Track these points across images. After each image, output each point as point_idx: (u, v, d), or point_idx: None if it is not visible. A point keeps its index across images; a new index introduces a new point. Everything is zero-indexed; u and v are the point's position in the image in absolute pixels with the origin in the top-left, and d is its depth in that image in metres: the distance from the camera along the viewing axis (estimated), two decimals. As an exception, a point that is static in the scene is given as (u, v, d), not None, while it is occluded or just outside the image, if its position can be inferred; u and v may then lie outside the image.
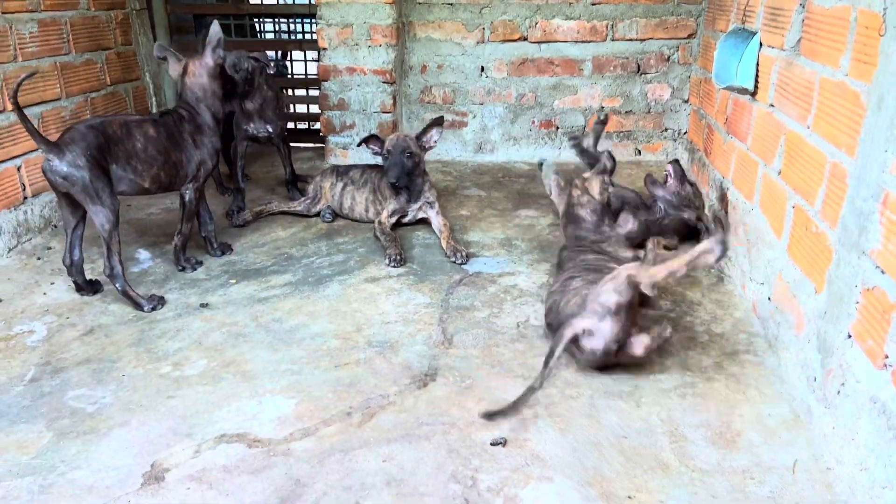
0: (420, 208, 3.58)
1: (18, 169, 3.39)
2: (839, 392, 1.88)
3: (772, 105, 2.64)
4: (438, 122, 3.45)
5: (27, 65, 3.43)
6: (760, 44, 2.81)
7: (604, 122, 3.59)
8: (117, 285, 2.75)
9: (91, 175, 2.61)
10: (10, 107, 3.31)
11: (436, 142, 3.50)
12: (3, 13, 3.27)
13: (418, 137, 3.48)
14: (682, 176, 3.27)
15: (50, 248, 3.35)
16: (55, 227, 3.57)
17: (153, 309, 2.76)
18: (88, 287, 2.89)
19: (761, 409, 2.14)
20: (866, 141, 1.84)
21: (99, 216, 2.66)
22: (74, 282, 2.87)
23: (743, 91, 2.95)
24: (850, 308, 1.86)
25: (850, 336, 1.86)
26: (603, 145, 3.59)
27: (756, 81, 2.82)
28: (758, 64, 2.81)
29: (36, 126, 3.48)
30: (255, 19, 6.02)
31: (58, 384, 2.30)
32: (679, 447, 1.97)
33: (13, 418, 2.12)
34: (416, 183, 3.51)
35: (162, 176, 2.89)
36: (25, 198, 3.44)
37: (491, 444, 1.99)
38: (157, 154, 2.85)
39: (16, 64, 3.36)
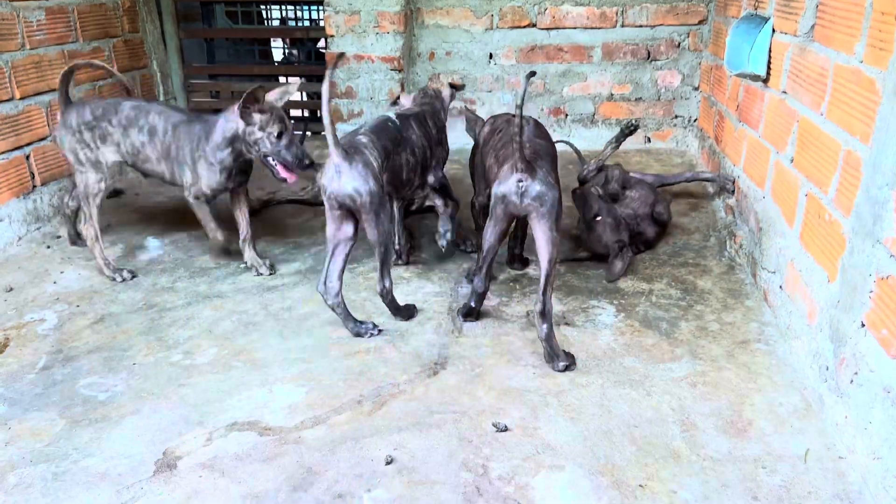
0: (427, 196, 3.56)
1: (27, 157, 3.39)
2: (852, 381, 1.87)
3: (784, 92, 2.62)
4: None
5: (35, 53, 3.43)
6: (773, 30, 2.78)
7: (631, 132, 3.60)
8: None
9: None
10: (18, 94, 3.31)
11: None
12: (10, 0, 3.27)
13: None
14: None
15: (59, 237, 3.36)
16: (65, 215, 3.57)
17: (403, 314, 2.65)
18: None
19: (773, 398, 2.13)
20: (881, 128, 1.82)
21: None
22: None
23: (755, 78, 2.92)
24: (863, 297, 1.85)
25: (863, 325, 1.84)
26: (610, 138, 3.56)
27: (768, 68, 2.80)
28: (770, 50, 2.79)
29: (44, 115, 3.50)
30: (262, 6, 6.00)
31: (69, 372, 2.31)
32: (690, 436, 1.97)
33: (26, 406, 2.14)
34: None
35: None
36: (35, 186, 3.44)
37: (494, 427, 1.99)
38: None
39: (23, 52, 3.35)
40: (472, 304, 2.58)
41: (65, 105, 2.95)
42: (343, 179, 2.37)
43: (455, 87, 3.11)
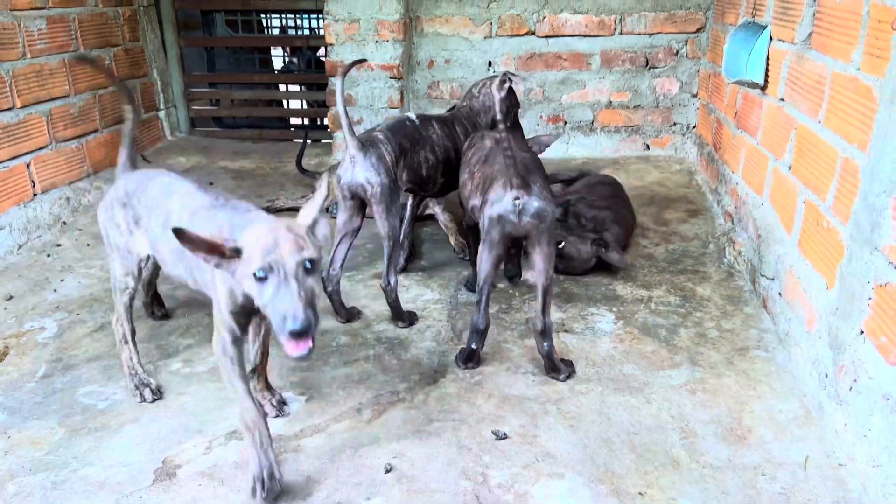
0: (426, 204, 3.57)
1: (28, 166, 3.40)
2: (851, 388, 1.87)
3: (782, 99, 2.63)
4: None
5: (36, 62, 3.44)
6: (771, 37, 2.79)
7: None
8: None
9: None
10: (19, 103, 3.32)
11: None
12: (11, 10, 3.28)
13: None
14: None
15: (59, 245, 3.36)
16: (64, 223, 3.58)
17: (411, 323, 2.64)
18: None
19: (772, 405, 2.13)
20: (879, 136, 1.82)
21: None
22: None
23: (753, 85, 2.93)
24: (862, 304, 1.85)
25: (862, 332, 1.85)
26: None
27: (766, 75, 2.81)
28: (768, 58, 2.80)
29: (45, 123, 3.50)
30: (262, 15, 6.03)
31: (69, 381, 2.31)
32: (690, 443, 1.97)
33: (25, 415, 2.14)
34: None
35: None
36: (35, 195, 3.45)
37: (493, 435, 1.99)
38: None
39: (25, 61, 3.36)
40: (474, 346, 2.32)
41: (122, 172, 2.25)
42: (356, 169, 2.47)
43: (508, 74, 2.80)
